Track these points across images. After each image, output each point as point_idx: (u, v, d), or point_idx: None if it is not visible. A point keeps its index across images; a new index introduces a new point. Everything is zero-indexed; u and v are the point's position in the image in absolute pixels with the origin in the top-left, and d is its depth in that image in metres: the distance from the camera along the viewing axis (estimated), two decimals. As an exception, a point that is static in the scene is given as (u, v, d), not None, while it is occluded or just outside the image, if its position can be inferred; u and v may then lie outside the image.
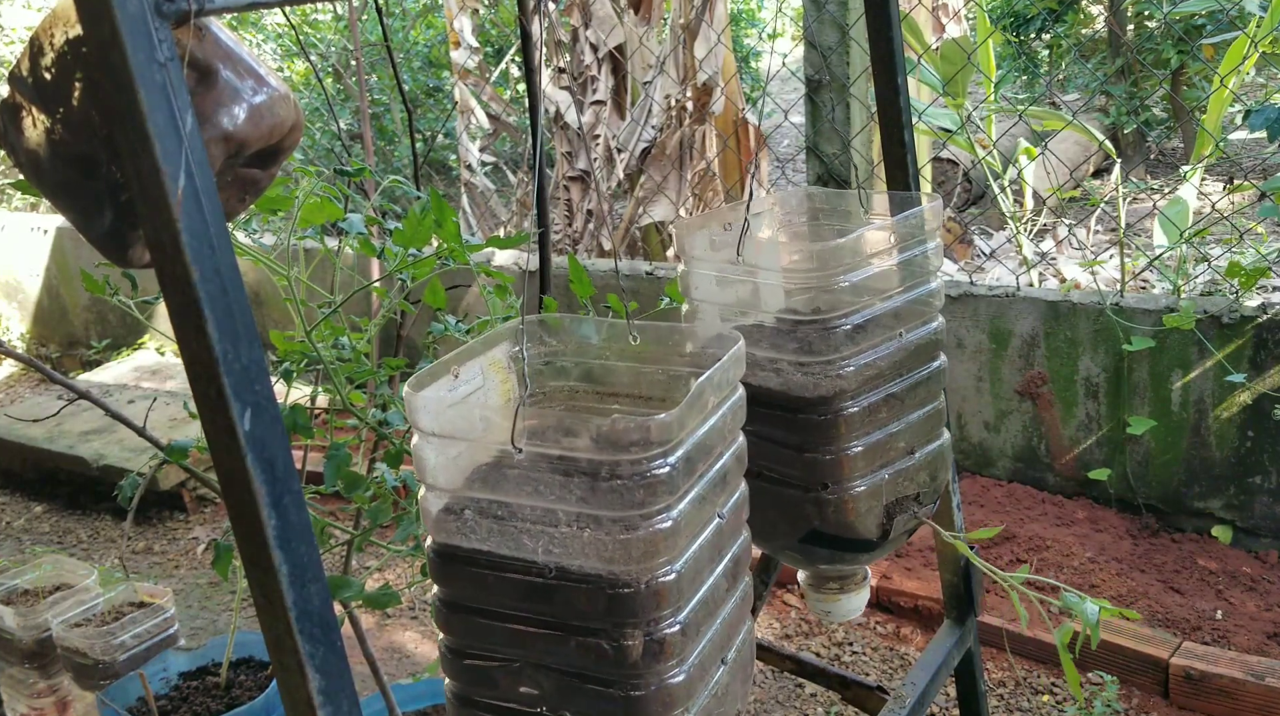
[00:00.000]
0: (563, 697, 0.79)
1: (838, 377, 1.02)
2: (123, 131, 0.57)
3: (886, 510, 1.08)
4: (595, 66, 4.46)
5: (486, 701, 0.82)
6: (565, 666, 0.78)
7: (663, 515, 0.74)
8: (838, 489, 1.04)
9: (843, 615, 1.18)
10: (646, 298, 3.47)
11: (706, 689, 0.82)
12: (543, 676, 0.79)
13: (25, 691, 1.98)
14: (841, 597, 1.16)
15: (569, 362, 0.93)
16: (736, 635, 0.89)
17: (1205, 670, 2.28)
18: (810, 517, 1.05)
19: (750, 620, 0.92)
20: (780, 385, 1.03)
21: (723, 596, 0.85)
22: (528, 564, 0.76)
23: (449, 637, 0.82)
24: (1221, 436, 2.76)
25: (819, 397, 1.02)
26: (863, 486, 1.05)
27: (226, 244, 0.59)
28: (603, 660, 0.76)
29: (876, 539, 1.08)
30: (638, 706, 0.77)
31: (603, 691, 0.77)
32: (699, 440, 0.78)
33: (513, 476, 0.76)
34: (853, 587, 1.17)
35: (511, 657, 0.80)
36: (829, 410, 1.02)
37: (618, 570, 0.74)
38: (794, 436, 1.04)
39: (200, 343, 0.58)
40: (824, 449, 1.03)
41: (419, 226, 1.21)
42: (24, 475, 3.96)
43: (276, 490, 0.60)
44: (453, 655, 0.82)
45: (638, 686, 0.77)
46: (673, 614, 0.77)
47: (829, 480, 1.04)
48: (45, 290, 5.36)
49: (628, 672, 0.76)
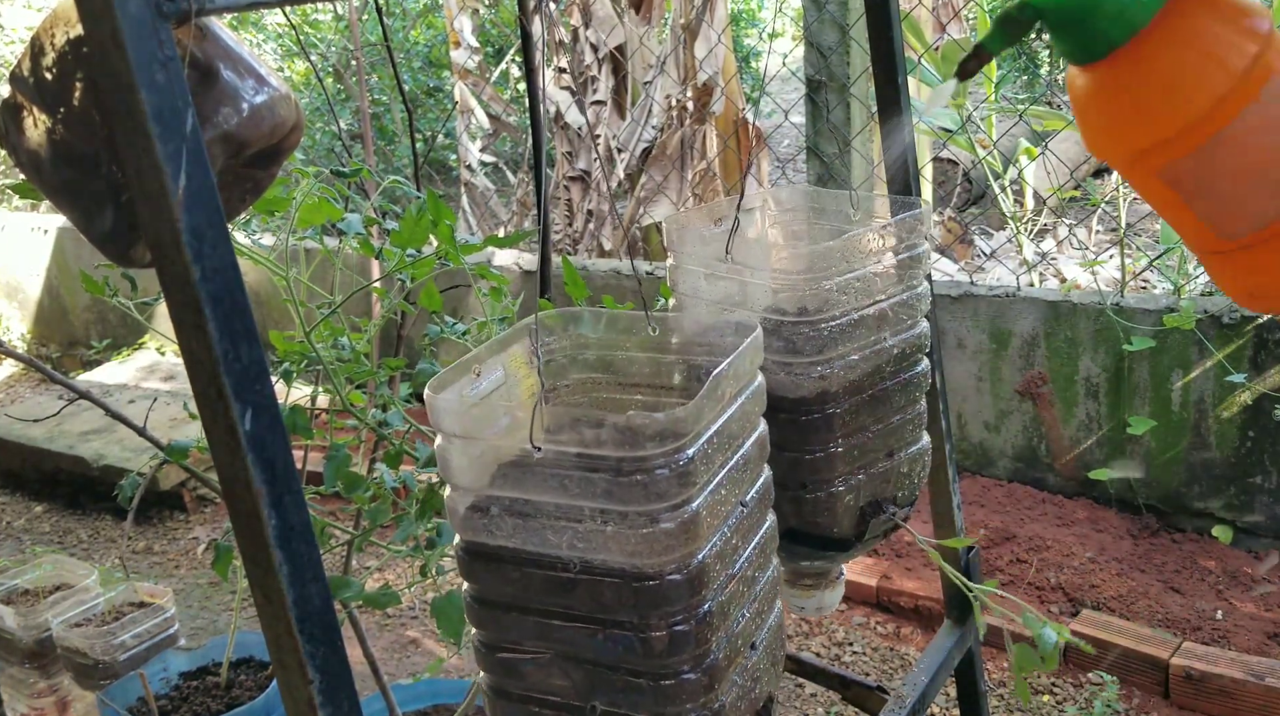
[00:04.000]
0: (593, 688, 0.80)
1: (820, 379, 1.02)
2: (123, 131, 0.57)
3: (863, 511, 1.08)
4: (595, 66, 4.46)
5: (519, 693, 0.83)
6: (594, 658, 0.79)
7: (684, 507, 0.74)
8: (816, 488, 1.05)
9: (816, 610, 1.19)
10: (646, 298, 3.47)
11: (736, 674, 0.83)
12: (573, 668, 0.80)
13: (25, 691, 1.98)
14: (816, 593, 1.17)
15: (589, 355, 0.93)
16: (766, 619, 0.89)
17: (1205, 670, 2.28)
18: (787, 516, 1.06)
19: (779, 603, 0.92)
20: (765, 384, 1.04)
21: (750, 582, 0.86)
22: (553, 559, 0.77)
23: (481, 632, 0.84)
24: (1222, 436, 2.76)
25: (800, 398, 1.02)
26: (840, 487, 1.05)
27: (227, 244, 0.59)
28: (630, 651, 0.77)
29: (852, 538, 1.08)
30: (666, 695, 0.78)
31: (632, 681, 0.78)
32: (718, 430, 0.79)
33: (536, 473, 0.77)
34: (827, 585, 1.17)
35: (541, 651, 0.81)
36: (811, 411, 1.02)
37: (641, 563, 0.75)
38: (774, 435, 1.05)
39: (200, 343, 0.58)
40: (804, 449, 1.04)
41: (416, 227, 1.21)
42: (24, 475, 3.96)
43: (277, 490, 0.61)
44: (485, 649, 0.83)
45: (666, 676, 0.78)
46: (698, 604, 0.77)
47: (807, 480, 1.04)
48: (46, 290, 5.36)
49: (655, 663, 0.77)
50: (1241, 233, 0.71)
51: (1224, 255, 0.73)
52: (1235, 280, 0.75)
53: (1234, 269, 0.74)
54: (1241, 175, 0.69)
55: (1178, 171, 0.70)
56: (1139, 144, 0.70)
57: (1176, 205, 0.73)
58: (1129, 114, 0.71)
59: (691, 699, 0.78)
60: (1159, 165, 0.70)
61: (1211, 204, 0.71)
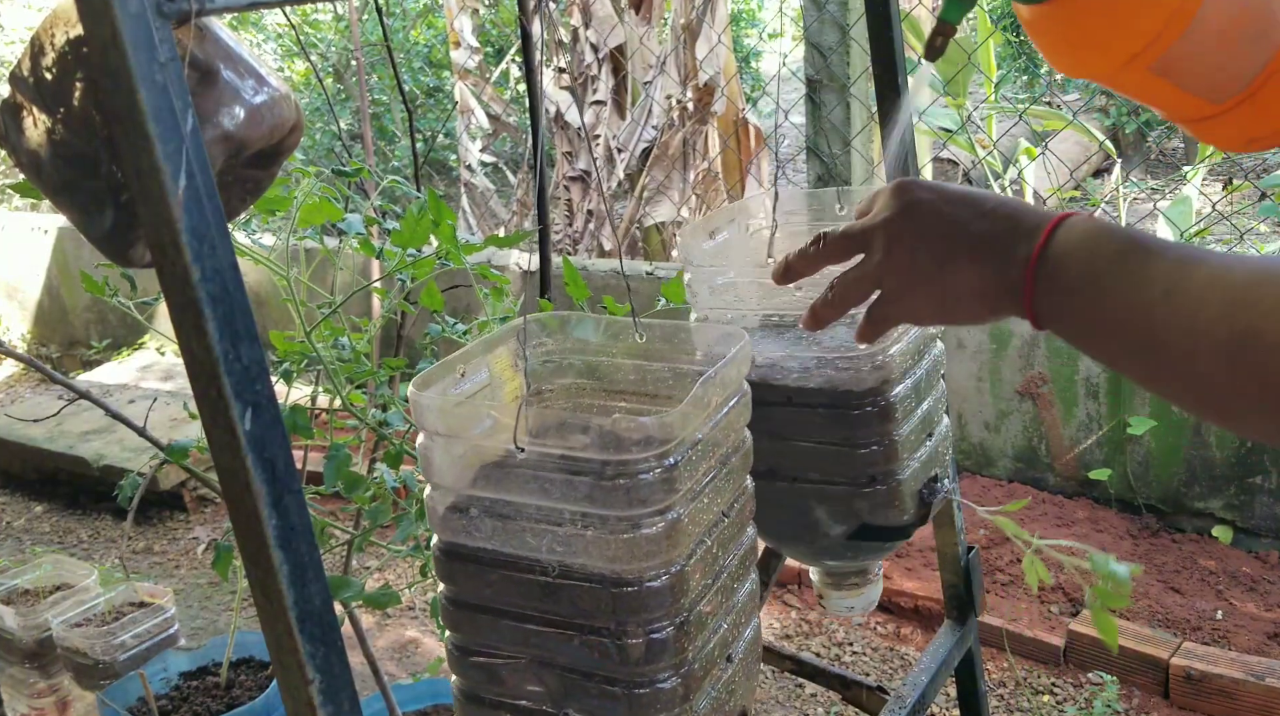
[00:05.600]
0: (567, 695, 0.79)
1: (878, 369, 1.04)
2: (123, 131, 0.57)
3: (920, 494, 1.10)
4: (595, 66, 4.46)
5: (493, 698, 0.82)
6: (570, 664, 0.78)
7: (666, 514, 0.74)
8: (885, 480, 1.06)
9: (864, 607, 1.21)
10: (646, 298, 3.47)
11: (711, 686, 0.83)
12: (548, 674, 0.79)
13: (25, 691, 1.98)
14: (863, 590, 1.19)
15: (576, 360, 0.93)
16: (743, 632, 0.89)
17: (1205, 670, 2.28)
18: (860, 512, 1.07)
19: (757, 617, 0.92)
20: (823, 383, 1.05)
21: (728, 594, 0.85)
22: (532, 562, 0.77)
23: (455, 635, 0.83)
24: (1222, 436, 2.76)
25: (866, 391, 1.04)
26: (904, 473, 1.08)
27: (227, 244, 0.59)
28: (606, 658, 0.76)
29: (916, 522, 1.11)
30: (641, 703, 0.77)
31: (607, 689, 0.77)
32: (703, 438, 0.78)
33: (518, 475, 0.76)
34: (870, 581, 1.19)
35: (517, 655, 0.80)
36: (876, 402, 1.04)
37: (620, 568, 0.74)
38: (838, 434, 1.06)
39: (200, 343, 0.58)
40: (872, 442, 1.05)
41: (416, 227, 1.21)
42: (24, 475, 3.96)
43: (277, 490, 0.60)
44: (459, 653, 0.83)
45: (641, 684, 0.77)
46: (676, 612, 0.77)
47: (876, 473, 1.06)
48: (46, 290, 5.36)
49: (631, 671, 0.76)
50: (1235, 91, 0.72)
51: (1216, 118, 0.75)
52: (1231, 135, 0.76)
53: (1228, 126, 0.75)
54: (1228, 37, 0.70)
55: (1169, 59, 0.71)
56: (1132, 49, 0.71)
57: (1167, 90, 0.74)
58: (1117, 22, 0.71)
59: (666, 708, 0.77)
60: (1151, 60, 0.71)
61: (1203, 76, 0.72)
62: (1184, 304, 0.64)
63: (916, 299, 0.80)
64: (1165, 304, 0.65)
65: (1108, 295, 0.68)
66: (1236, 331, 0.60)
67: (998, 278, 0.75)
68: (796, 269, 0.89)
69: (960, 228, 0.77)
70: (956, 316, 0.80)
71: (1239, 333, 0.60)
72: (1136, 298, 0.67)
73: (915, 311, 0.82)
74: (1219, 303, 0.62)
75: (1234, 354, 0.61)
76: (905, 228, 0.79)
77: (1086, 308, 0.70)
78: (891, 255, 0.80)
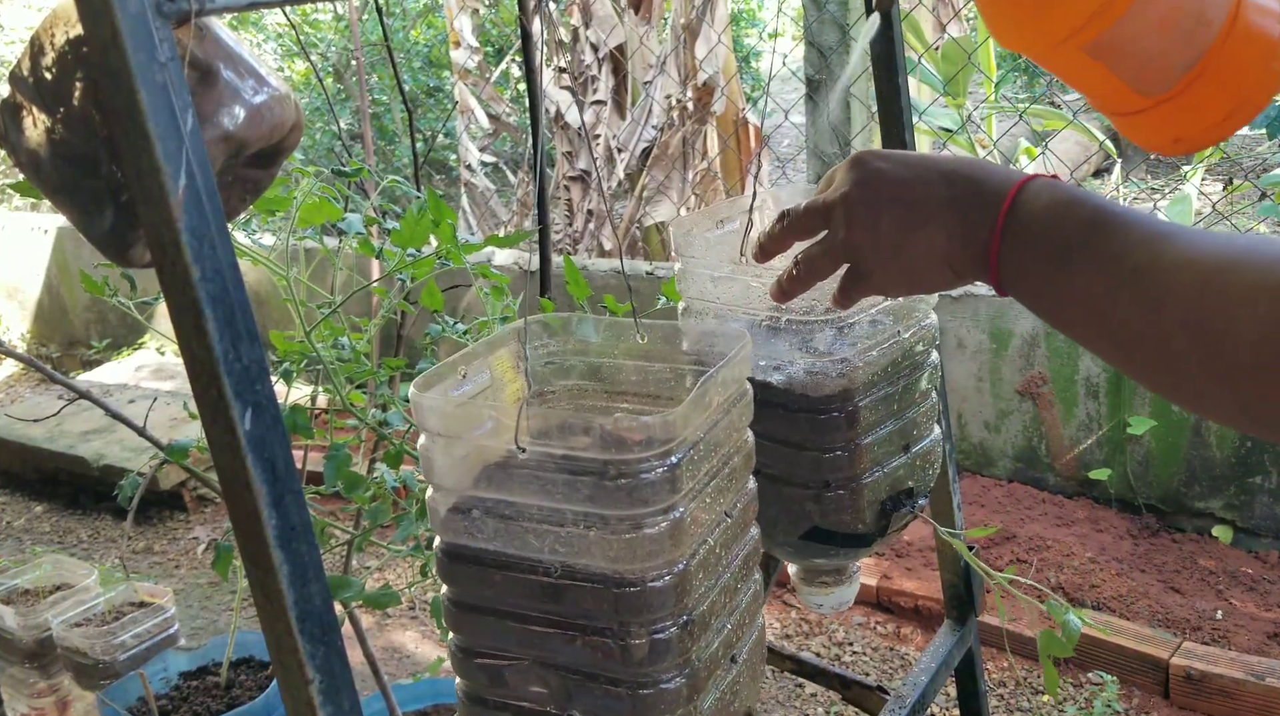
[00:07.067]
0: (571, 696, 0.79)
1: (841, 377, 1.02)
2: (123, 131, 0.57)
3: (883, 505, 1.09)
4: (596, 66, 4.46)
5: (496, 700, 0.82)
6: (572, 665, 0.78)
7: (668, 514, 0.74)
8: (839, 486, 1.05)
9: (835, 607, 1.19)
10: (646, 297, 3.47)
11: (716, 686, 0.83)
12: (550, 675, 0.79)
13: (25, 691, 1.98)
14: (835, 590, 1.18)
15: (577, 361, 0.93)
16: (747, 633, 0.89)
17: (1205, 670, 2.28)
18: (810, 515, 1.06)
19: (761, 617, 0.92)
20: (784, 383, 1.04)
21: (732, 594, 0.85)
22: (534, 563, 0.77)
23: (458, 637, 0.83)
24: (1222, 436, 2.76)
25: (823, 397, 1.02)
26: (863, 483, 1.06)
27: (227, 244, 0.59)
28: (609, 659, 0.76)
29: (875, 534, 1.09)
30: (645, 704, 0.77)
31: (610, 690, 0.77)
32: (705, 438, 0.78)
33: (520, 476, 0.76)
34: (845, 581, 1.18)
35: (520, 656, 0.80)
36: (834, 409, 1.03)
37: (623, 569, 0.74)
38: (794, 435, 1.05)
39: (200, 343, 0.58)
40: (827, 447, 1.04)
41: (416, 226, 1.21)
42: (24, 475, 3.96)
43: (277, 490, 0.60)
44: (462, 654, 0.82)
45: (645, 685, 0.77)
46: (679, 613, 0.77)
47: (830, 478, 1.04)
48: (46, 290, 5.36)
49: (634, 671, 0.76)
50: (1164, 87, 0.71)
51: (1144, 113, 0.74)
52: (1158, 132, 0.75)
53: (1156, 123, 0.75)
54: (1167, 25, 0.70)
55: (1104, 41, 0.70)
56: (1072, 24, 0.71)
57: (1099, 75, 0.73)
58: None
59: (670, 709, 0.77)
60: (1086, 41, 0.71)
61: (1137, 64, 0.71)
62: (1151, 285, 0.63)
63: (883, 270, 0.80)
64: (1133, 283, 0.64)
65: (1074, 269, 0.67)
66: (1205, 317, 0.59)
67: (962, 245, 0.74)
68: (767, 248, 0.90)
69: (920, 195, 0.76)
70: (923, 285, 0.79)
71: (1207, 318, 0.59)
72: (1103, 274, 0.66)
73: (882, 282, 0.81)
74: (1188, 286, 0.61)
75: (1202, 340, 0.59)
76: (864, 199, 0.78)
77: (1051, 279, 0.69)
78: (853, 229, 0.79)
